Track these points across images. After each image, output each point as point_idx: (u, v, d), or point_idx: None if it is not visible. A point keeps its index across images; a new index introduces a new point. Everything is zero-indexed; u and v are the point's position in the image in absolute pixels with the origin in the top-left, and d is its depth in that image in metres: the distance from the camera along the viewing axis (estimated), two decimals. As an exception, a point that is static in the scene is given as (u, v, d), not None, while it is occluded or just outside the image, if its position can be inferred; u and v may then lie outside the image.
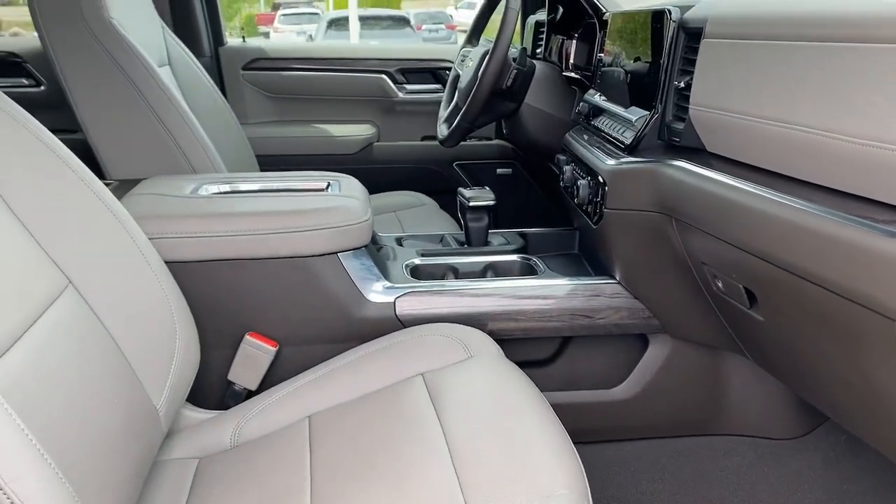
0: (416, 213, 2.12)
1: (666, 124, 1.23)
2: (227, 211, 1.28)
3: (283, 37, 17.85)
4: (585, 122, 1.60)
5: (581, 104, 1.64)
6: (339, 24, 13.69)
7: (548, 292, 1.37)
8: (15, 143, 0.99)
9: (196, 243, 1.24)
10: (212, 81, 2.03)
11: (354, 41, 12.76)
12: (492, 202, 1.56)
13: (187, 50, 1.98)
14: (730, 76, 1.03)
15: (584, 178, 1.43)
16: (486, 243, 1.61)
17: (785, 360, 1.12)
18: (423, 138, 2.47)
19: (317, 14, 18.91)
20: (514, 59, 1.79)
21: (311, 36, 14.92)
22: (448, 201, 2.32)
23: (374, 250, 1.41)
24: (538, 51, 2.13)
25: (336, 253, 1.30)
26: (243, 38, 2.43)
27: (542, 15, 2.12)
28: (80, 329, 0.97)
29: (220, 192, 1.45)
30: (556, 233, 1.69)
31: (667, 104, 1.22)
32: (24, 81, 2.29)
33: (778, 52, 0.91)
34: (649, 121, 1.24)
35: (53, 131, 1.05)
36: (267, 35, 21.46)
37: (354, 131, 2.38)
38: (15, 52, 2.26)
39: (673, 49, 1.20)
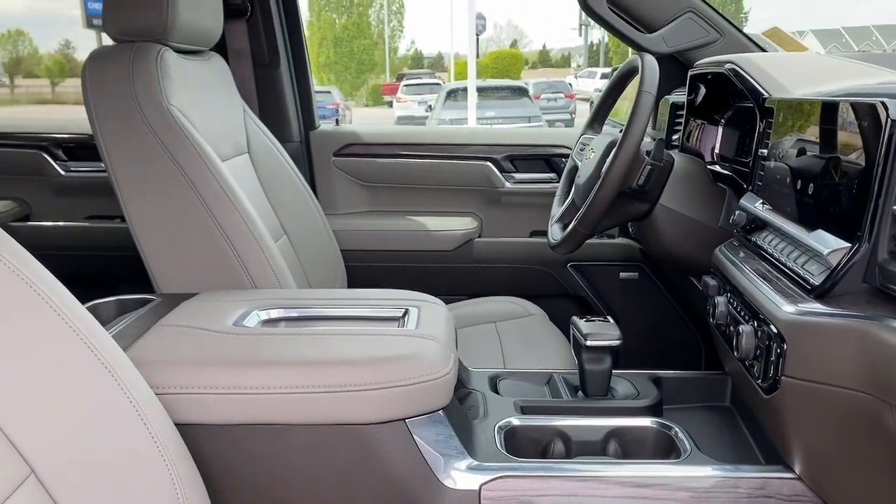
0: (520, 325, 1.78)
1: (878, 264, 0.84)
2: (265, 357, 0.99)
3: (405, 106, 18.33)
4: (743, 236, 1.22)
5: (737, 213, 1.26)
6: (457, 94, 13.79)
7: (695, 484, 0.98)
8: None
9: (217, 402, 0.95)
10: (296, 170, 1.80)
11: (472, 111, 12.77)
12: (616, 342, 1.20)
13: (271, 136, 1.76)
14: None
15: (747, 322, 1.04)
16: (608, 390, 1.24)
17: None
18: (532, 234, 2.13)
19: (438, 84, 19.34)
20: (648, 153, 1.45)
21: (430, 106, 15.13)
22: (560, 310, 1.96)
23: (456, 407, 1.07)
24: (674, 137, 1.78)
25: (403, 420, 0.98)
26: (337, 121, 2.21)
27: (679, 96, 1.77)
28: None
29: (270, 321, 1.17)
30: (700, 378, 1.31)
31: (880, 235, 0.84)
32: (104, 166, 2.15)
33: None
34: (852, 256, 0.86)
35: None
36: (390, 105, 22.17)
37: (453, 225, 2.09)
38: None
39: (891, 160, 0.82)
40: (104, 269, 2.00)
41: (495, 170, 2.09)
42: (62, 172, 2.11)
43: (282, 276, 1.38)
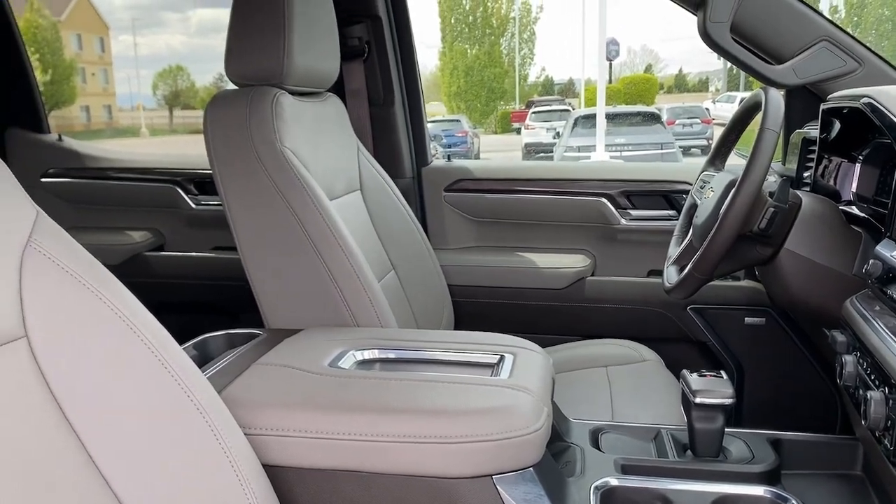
0: (632, 371, 1.69)
1: None
2: (353, 403, 0.98)
3: (534, 133, 18.34)
4: (878, 288, 1.10)
5: (871, 262, 1.14)
6: (586, 121, 13.60)
7: None
8: (76, 317, 0.78)
9: (304, 446, 0.96)
10: (406, 206, 1.82)
11: (600, 138, 12.55)
12: (729, 401, 1.11)
13: (383, 173, 1.79)
14: None
15: (877, 388, 0.93)
16: (719, 451, 1.15)
17: None
18: (650, 273, 2.03)
19: (567, 110, 19.21)
20: (771, 194, 1.34)
21: (558, 132, 15.03)
22: (678, 356, 1.86)
23: (549, 464, 1.02)
24: (805, 174, 1.64)
25: (490, 476, 0.94)
26: (448, 157, 2.22)
27: (812, 129, 1.64)
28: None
29: (365, 362, 1.17)
30: (827, 442, 1.18)
31: None
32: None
33: None
34: None
35: None
36: (518, 132, 22.26)
37: (565, 262, 2.03)
38: None
39: None
40: (227, 298, 2.10)
41: (610, 206, 2.01)
42: (193, 206, 2.25)
43: (383, 315, 1.39)
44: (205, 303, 2.27)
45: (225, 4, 1.47)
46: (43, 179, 2.31)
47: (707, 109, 19.17)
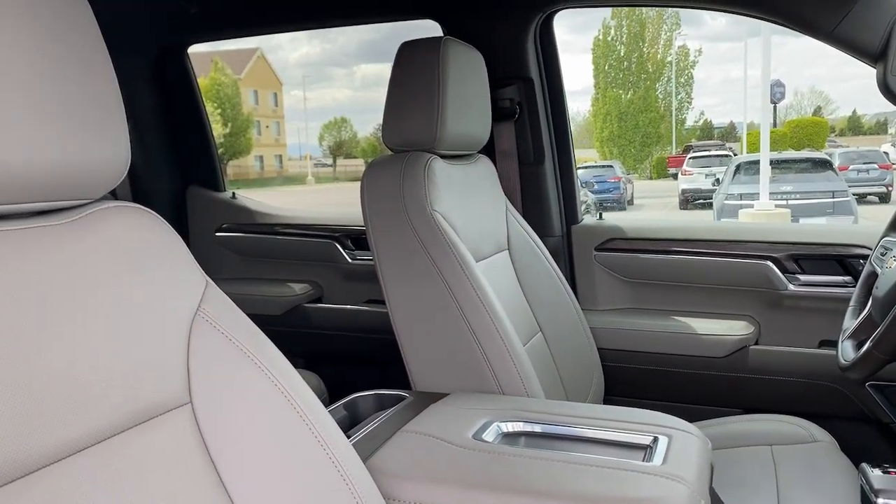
0: (802, 453, 1.54)
1: None
2: (497, 482, 0.96)
3: (691, 179, 17.70)
4: None
5: None
6: (749, 167, 12.89)
7: None
8: (236, 385, 0.82)
9: None
10: (555, 265, 1.79)
11: (764, 185, 11.86)
12: None
13: (531, 232, 1.78)
14: None
15: None
16: (908, 561, 1.01)
17: None
18: (821, 344, 1.86)
19: (728, 156, 18.41)
20: (969, 267, 1.19)
21: (717, 179, 14.39)
22: (854, 438, 1.68)
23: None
24: None
25: None
26: (600, 215, 2.16)
27: None
28: None
29: (510, 434, 1.15)
30: None
31: None
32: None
33: None
34: None
35: None
36: (675, 177, 21.58)
37: (726, 329, 1.90)
38: None
39: None
40: (377, 350, 2.15)
41: (776, 269, 1.87)
42: (349, 260, 2.34)
43: (528, 382, 1.36)
44: (356, 353, 2.34)
45: (387, 59, 1.54)
46: (217, 233, 2.51)
47: (886, 154, 17.68)
